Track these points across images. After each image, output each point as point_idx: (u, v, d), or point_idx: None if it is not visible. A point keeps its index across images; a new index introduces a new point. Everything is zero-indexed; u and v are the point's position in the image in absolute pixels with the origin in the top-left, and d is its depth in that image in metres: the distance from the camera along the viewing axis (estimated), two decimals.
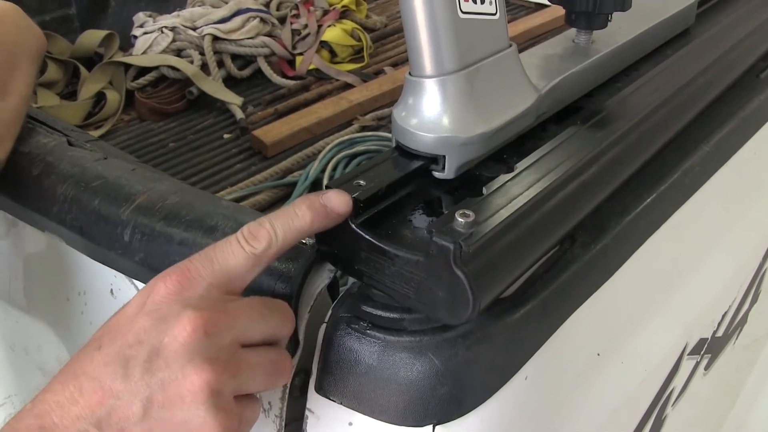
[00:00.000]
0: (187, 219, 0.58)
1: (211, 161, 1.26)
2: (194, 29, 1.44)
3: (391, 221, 0.51)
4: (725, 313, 0.77)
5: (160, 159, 1.26)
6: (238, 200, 1.12)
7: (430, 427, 0.49)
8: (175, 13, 1.48)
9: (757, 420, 1.10)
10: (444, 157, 0.53)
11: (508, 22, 1.65)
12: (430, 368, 0.48)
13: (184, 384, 0.44)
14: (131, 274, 0.61)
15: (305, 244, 0.53)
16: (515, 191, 0.51)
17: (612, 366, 0.60)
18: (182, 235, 0.57)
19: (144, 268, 0.59)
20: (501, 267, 0.48)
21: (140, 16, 1.46)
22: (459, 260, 0.45)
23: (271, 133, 1.27)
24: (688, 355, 0.70)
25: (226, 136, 1.32)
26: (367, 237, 0.49)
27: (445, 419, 0.49)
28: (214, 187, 1.19)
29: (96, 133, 1.27)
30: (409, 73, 0.54)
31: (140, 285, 0.62)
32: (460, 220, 0.46)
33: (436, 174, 0.54)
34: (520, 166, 0.54)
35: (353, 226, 0.49)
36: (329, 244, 0.52)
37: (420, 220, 0.51)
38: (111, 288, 0.65)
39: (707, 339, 0.74)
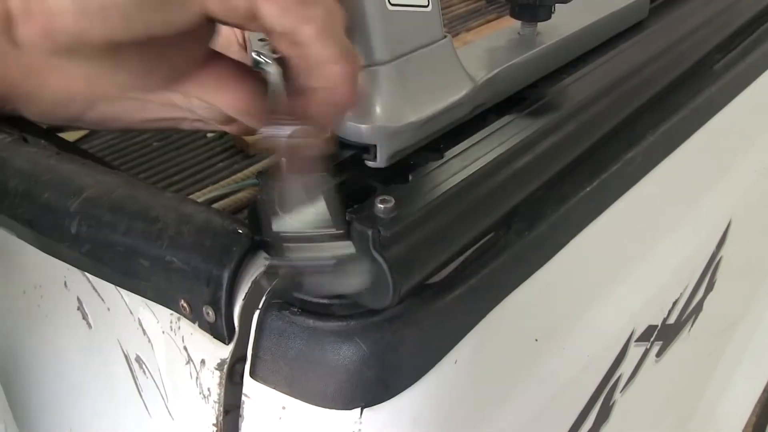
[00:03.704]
0: (131, 210, 0.59)
1: (194, 160, 1.26)
2: None
3: None
4: (676, 301, 0.78)
5: (144, 158, 1.27)
6: (220, 197, 1.13)
7: (358, 410, 0.49)
8: None
9: (726, 412, 1.11)
10: (375, 146, 0.54)
11: (495, 19, 1.62)
12: (356, 352, 0.49)
13: None
14: (80, 266, 0.63)
15: (240, 232, 0.54)
16: (441, 177, 0.52)
17: (551, 352, 0.61)
18: (126, 225, 0.58)
19: (90, 260, 0.60)
20: (424, 251, 0.49)
21: None
22: (378, 245, 0.46)
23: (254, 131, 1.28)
24: (636, 341, 0.71)
25: (209, 135, 1.33)
26: None
27: (373, 402, 0.49)
28: (198, 185, 1.20)
29: (80, 133, 1.29)
30: None
31: (90, 277, 0.63)
32: (379, 206, 0.47)
33: (369, 163, 0.55)
34: (450, 153, 0.55)
35: None
36: (262, 232, 0.53)
37: (349, 208, 0.52)
38: (65, 280, 0.66)
39: (657, 326, 0.75)
